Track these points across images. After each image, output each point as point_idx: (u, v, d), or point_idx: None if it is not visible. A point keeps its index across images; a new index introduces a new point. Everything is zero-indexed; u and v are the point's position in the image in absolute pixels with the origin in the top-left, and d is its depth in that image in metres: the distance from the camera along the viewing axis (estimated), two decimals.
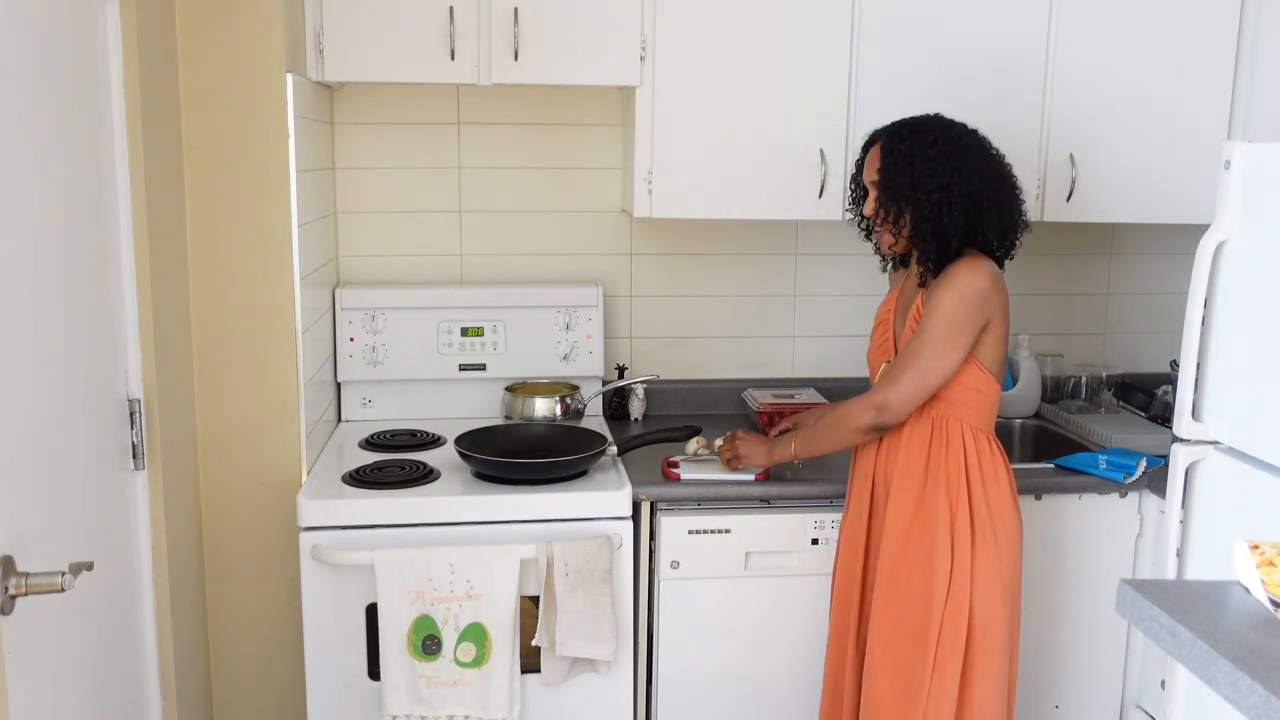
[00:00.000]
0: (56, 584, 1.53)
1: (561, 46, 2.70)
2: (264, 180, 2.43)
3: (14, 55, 1.61)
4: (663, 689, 2.61)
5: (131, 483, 2.12)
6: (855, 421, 2.27)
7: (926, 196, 2.19)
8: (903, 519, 2.24)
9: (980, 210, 2.20)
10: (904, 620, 2.24)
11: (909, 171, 2.20)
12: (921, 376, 2.19)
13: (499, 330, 3.03)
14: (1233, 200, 2.12)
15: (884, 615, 2.27)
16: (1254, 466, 2.09)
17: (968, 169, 2.20)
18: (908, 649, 2.23)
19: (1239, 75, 2.87)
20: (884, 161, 2.24)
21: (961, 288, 2.17)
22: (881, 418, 2.23)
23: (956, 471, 2.21)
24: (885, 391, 2.22)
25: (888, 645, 2.26)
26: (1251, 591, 1.43)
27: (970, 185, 2.19)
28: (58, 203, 1.77)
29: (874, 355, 2.40)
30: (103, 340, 1.97)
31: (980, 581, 2.19)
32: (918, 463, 2.24)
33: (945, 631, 2.19)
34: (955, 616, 2.19)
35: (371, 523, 2.43)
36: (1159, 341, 3.36)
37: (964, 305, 2.17)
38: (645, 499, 2.54)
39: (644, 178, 2.79)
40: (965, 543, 2.19)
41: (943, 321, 2.17)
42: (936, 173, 2.19)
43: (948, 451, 2.22)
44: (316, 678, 2.46)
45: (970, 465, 2.22)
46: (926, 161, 2.19)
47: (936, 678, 2.20)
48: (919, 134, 2.23)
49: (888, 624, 2.26)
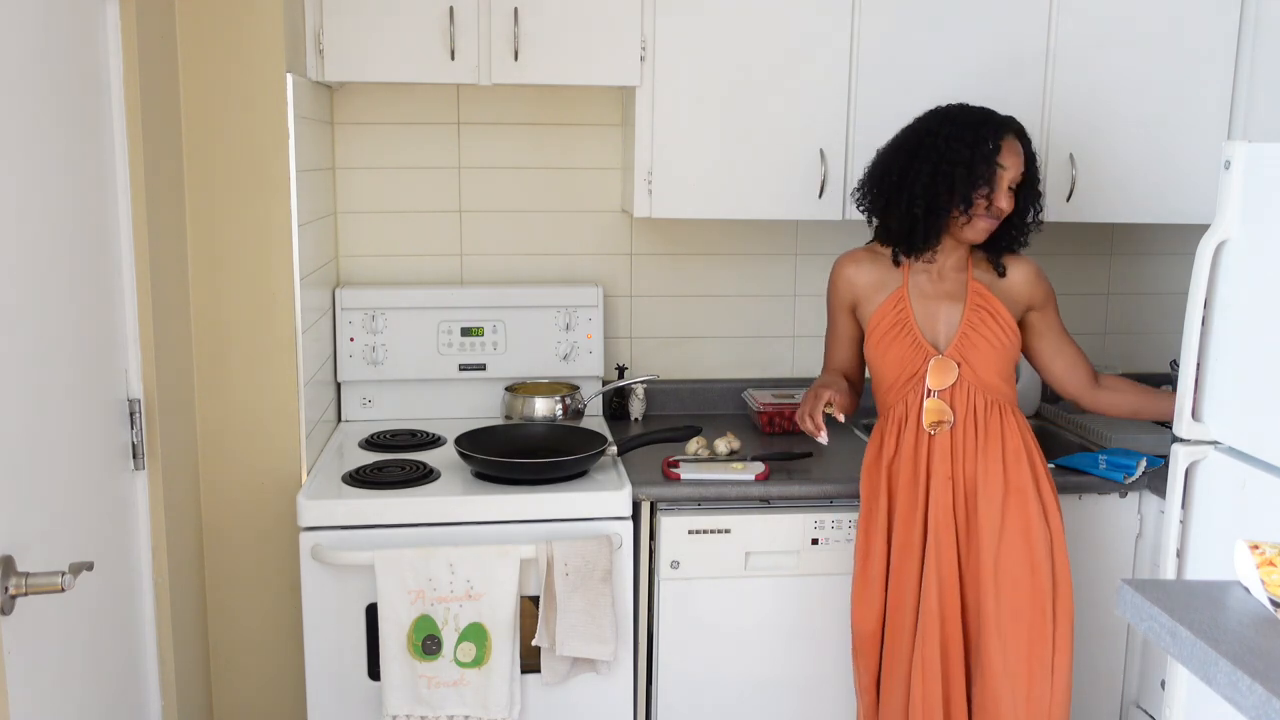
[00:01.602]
0: (56, 584, 1.53)
1: (561, 46, 2.70)
2: (264, 180, 2.43)
3: (14, 55, 1.61)
4: (663, 689, 2.61)
5: (131, 483, 2.12)
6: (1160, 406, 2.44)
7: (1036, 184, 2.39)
8: (995, 502, 2.30)
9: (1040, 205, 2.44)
10: (1022, 603, 2.29)
11: (1032, 161, 2.36)
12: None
13: (499, 330, 3.03)
14: (1233, 200, 2.12)
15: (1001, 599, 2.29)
16: (1254, 466, 2.09)
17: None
18: (1028, 629, 2.29)
19: (1239, 75, 2.87)
20: (1029, 154, 2.35)
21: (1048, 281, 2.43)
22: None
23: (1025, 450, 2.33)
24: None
25: (1013, 631, 2.28)
26: (1251, 591, 1.43)
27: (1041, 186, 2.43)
28: (58, 203, 1.77)
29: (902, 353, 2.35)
30: (103, 340, 1.97)
31: (1060, 545, 2.34)
32: (994, 449, 2.32)
33: (1059, 608, 2.30)
34: (1065, 589, 2.31)
35: (371, 523, 2.43)
36: (1159, 341, 3.37)
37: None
38: (645, 499, 2.54)
39: (644, 178, 2.79)
40: (1055, 518, 2.34)
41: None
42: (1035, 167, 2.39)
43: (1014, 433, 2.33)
44: (316, 678, 2.47)
45: (1030, 442, 2.35)
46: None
47: (1058, 654, 2.30)
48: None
49: (1009, 612, 2.28)
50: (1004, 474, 2.31)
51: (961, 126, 2.29)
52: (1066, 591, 2.32)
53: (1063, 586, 2.32)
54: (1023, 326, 2.41)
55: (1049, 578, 2.30)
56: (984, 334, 2.30)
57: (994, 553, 2.29)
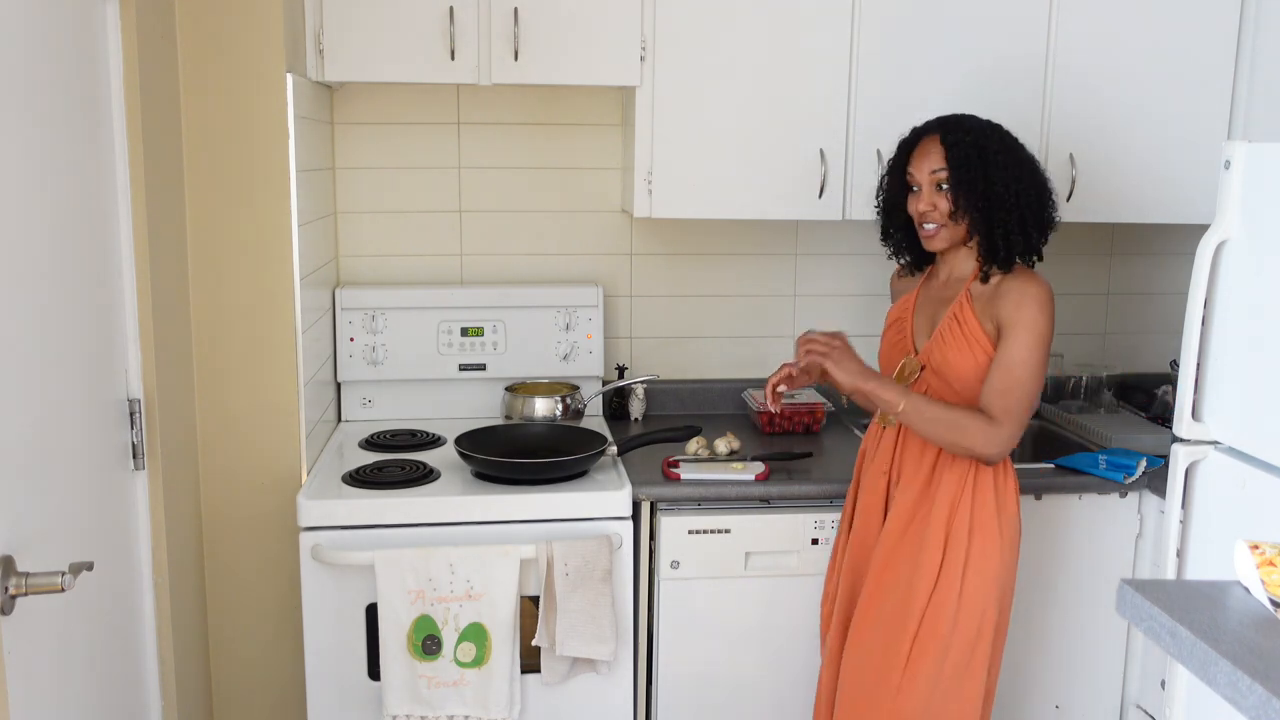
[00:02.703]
0: (56, 584, 1.53)
1: (561, 46, 2.70)
2: (264, 180, 2.43)
3: (14, 55, 1.60)
4: (663, 689, 2.61)
5: (131, 483, 2.12)
6: (972, 440, 2.12)
7: (1005, 189, 2.15)
8: (904, 513, 2.24)
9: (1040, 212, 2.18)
10: (886, 614, 2.23)
11: (981, 165, 2.15)
12: (1031, 406, 2.14)
13: (499, 330, 3.03)
14: (1233, 200, 2.12)
15: (869, 606, 2.26)
16: (1254, 466, 2.09)
17: (1028, 170, 2.18)
18: (886, 642, 2.22)
19: (1239, 75, 2.87)
20: (952, 154, 2.17)
21: (1045, 305, 2.12)
22: (998, 453, 2.14)
23: (965, 472, 2.19)
24: (1012, 428, 2.11)
25: (868, 636, 2.25)
26: (1251, 591, 1.43)
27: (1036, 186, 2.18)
28: (58, 203, 1.77)
29: (888, 353, 2.38)
30: (103, 340, 1.97)
31: (973, 585, 2.17)
32: (928, 459, 2.23)
33: (924, 630, 2.18)
34: (936, 615, 2.17)
35: (371, 523, 2.43)
36: (1159, 341, 3.37)
37: (1050, 324, 2.12)
38: (645, 499, 2.54)
39: (644, 178, 2.79)
40: (961, 544, 2.17)
41: (1038, 344, 2.11)
42: (1007, 165, 2.16)
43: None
44: (316, 678, 2.47)
45: (983, 471, 2.19)
46: (997, 154, 2.16)
47: (909, 675, 2.18)
48: (978, 129, 2.19)
49: (872, 615, 2.25)
50: (929, 479, 2.22)
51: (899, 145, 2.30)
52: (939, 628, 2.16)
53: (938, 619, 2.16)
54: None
55: (924, 596, 2.17)
56: (950, 342, 2.21)
57: (883, 554, 2.25)
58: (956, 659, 2.18)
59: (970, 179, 2.16)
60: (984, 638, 2.18)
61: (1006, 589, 2.22)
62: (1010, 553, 2.21)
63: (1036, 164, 2.23)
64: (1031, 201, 2.17)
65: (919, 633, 2.18)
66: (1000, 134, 2.21)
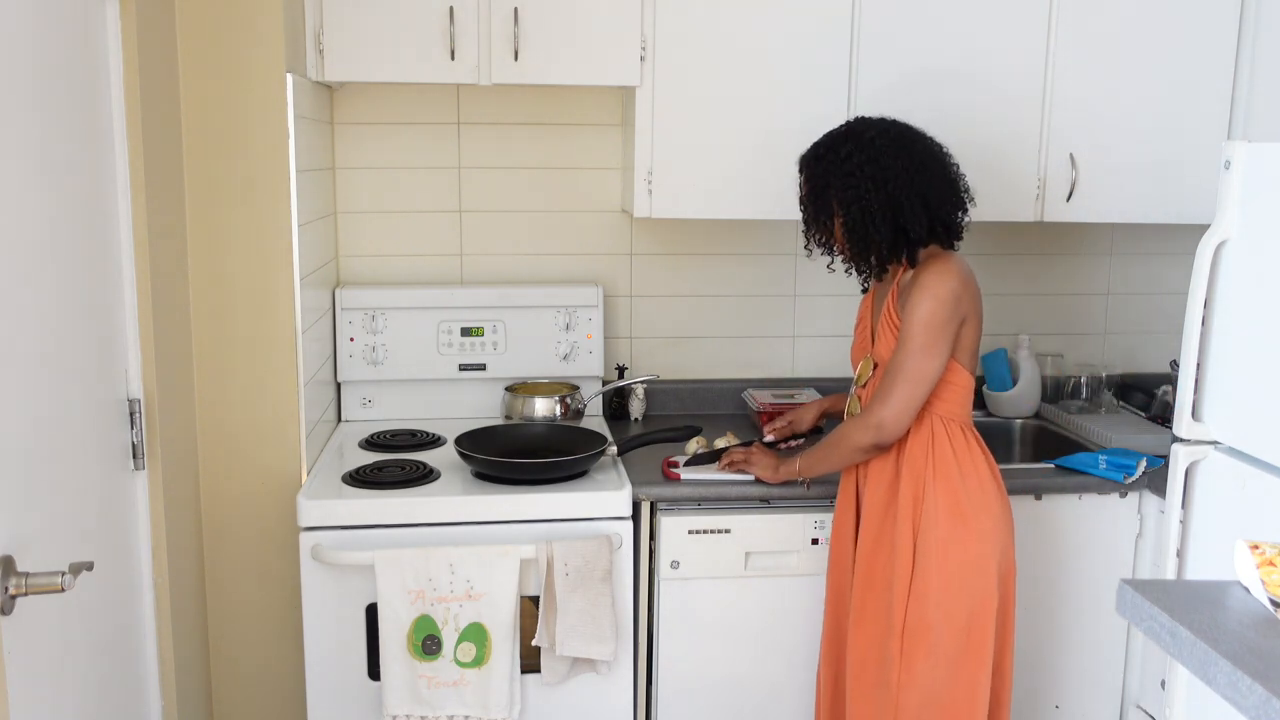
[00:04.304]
0: (56, 584, 1.53)
1: (562, 47, 2.70)
2: (264, 180, 2.43)
3: (14, 55, 1.60)
4: (663, 689, 2.61)
5: (131, 483, 2.12)
6: (855, 441, 2.27)
7: (846, 211, 2.22)
8: (876, 512, 2.28)
9: (901, 207, 2.19)
10: (876, 612, 2.26)
11: (825, 192, 2.25)
12: (911, 388, 2.19)
13: (499, 330, 3.03)
14: (1233, 200, 2.12)
15: (860, 607, 2.29)
16: (1254, 466, 2.09)
17: (881, 173, 2.19)
18: (880, 641, 2.25)
19: (1239, 75, 2.87)
20: (805, 188, 2.30)
21: (936, 291, 2.18)
22: (880, 436, 2.22)
23: (924, 462, 2.22)
24: (879, 409, 2.21)
25: (863, 637, 2.28)
26: (1251, 591, 1.43)
27: (887, 188, 2.19)
28: (58, 203, 1.77)
29: (854, 351, 2.44)
30: (103, 340, 1.97)
31: (953, 570, 2.18)
32: (890, 458, 2.27)
33: (910, 622, 2.19)
34: (920, 605, 2.19)
35: (371, 523, 2.43)
36: (1159, 341, 3.36)
37: (940, 309, 2.18)
38: (645, 499, 2.54)
39: (644, 178, 2.79)
40: (931, 532, 2.19)
41: (922, 329, 2.18)
42: (851, 185, 2.21)
43: (917, 442, 2.23)
44: (316, 678, 2.46)
45: (942, 456, 2.22)
46: (840, 177, 2.22)
47: (905, 669, 2.20)
48: (832, 150, 2.25)
49: (866, 615, 2.28)
50: (894, 475, 2.26)
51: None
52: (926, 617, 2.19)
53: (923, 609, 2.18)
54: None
55: (904, 588, 2.20)
56: (883, 338, 2.28)
57: (863, 555, 2.30)
58: (951, 646, 2.19)
59: (814, 208, 2.28)
60: (979, 621, 2.19)
61: (1000, 570, 2.22)
62: (995, 534, 2.22)
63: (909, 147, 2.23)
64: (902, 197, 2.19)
65: (905, 626, 2.20)
66: (859, 146, 2.22)
